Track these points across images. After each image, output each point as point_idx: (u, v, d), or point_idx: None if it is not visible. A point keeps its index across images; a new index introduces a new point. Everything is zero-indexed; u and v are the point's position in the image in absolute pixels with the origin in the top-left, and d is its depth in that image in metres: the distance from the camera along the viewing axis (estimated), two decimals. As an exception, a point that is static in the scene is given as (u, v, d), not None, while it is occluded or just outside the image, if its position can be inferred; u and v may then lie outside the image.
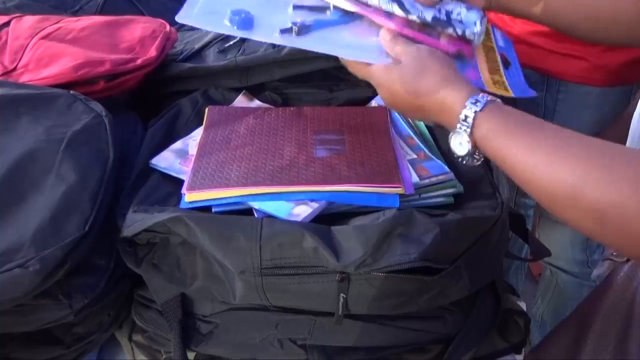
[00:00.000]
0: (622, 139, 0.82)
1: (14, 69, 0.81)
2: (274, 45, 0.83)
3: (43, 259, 0.58)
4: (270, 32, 0.63)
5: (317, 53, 0.64)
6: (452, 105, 0.54)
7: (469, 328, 0.61)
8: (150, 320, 0.65)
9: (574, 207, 0.45)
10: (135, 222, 0.59)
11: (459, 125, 0.53)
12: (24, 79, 0.79)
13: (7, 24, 0.91)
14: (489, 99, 0.53)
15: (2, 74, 0.80)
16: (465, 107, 0.52)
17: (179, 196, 0.65)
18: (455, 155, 0.55)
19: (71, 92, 0.75)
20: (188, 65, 0.86)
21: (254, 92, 0.87)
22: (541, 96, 1.08)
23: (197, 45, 0.93)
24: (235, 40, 0.89)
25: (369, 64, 0.60)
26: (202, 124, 0.79)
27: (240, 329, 0.61)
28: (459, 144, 0.53)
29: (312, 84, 0.86)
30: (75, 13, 1.13)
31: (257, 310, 0.61)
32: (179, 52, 0.94)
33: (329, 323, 0.60)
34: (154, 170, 0.70)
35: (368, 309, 0.57)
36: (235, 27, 0.63)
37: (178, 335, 0.60)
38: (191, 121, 0.80)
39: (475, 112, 0.52)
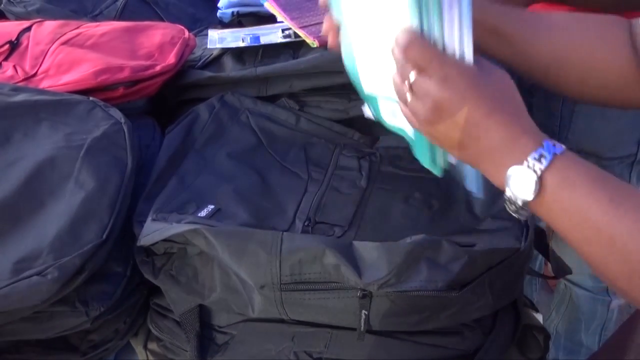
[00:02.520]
0: None
1: (35, 74, 0.82)
2: (293, 56, 0.83)
3: (61, 267, 0.58)
4: None
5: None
6: (528, 140, 0.47)
7: (489, 345, 0.60)
8: (166, 330, 0.65)
9: None
10: (153, 231, 0.59)
11: (528, 164, 0.45)
12: (44, 84, 0.80)
13: (29, 29, 0.91)
14: (566, 147, 0.47)
15: (23, 79, 0.81)
16: (542, 145, 0.46)
17: (197, 204, 0.65)
18: (509, 199, 0.47)
19: (91, 98, 0.75)
20: (208, 74, 0.86)
21: (270, 98, 0.87)
22: (557, 107, 1.07)
23: (215, 52, 0.93)
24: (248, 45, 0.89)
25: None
26: (219, 131, 0.79)
27: (256, 341, 0.61)
28: (521, 185, 0.46)
29: (330, 92, 0.86)
30: (94, 17, 1.14)
31: (273, 322, 0.61)
32: (197, 57, 0.95)
33: (346, 336, 0.59)
34: (171, 177, 0.70)
35: (388, 325, 0.57)
36: None
37: (195, 348, 0.59)
38: (208, 127, 0.80)
39: (555, 153, 0.45)
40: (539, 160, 0.45)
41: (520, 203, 0.47)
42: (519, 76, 1.07)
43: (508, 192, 0.47)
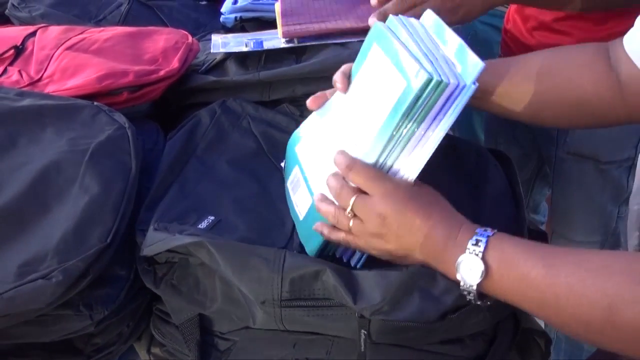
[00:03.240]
0: None
1: (40, 79, 0.83)
2: (296, 61, 0.83)
3: (66, 270, 0.58)
4: None
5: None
6: (465, 231, 0.53)
7: (492, 355, 0.60)
8: (169, 335, 0.65)
9: (612, 328, 0.44)
10: (156, 241, 0.59)
11: (469, 250, 0.51)
12: (49, 89, 0.81)
13: (34, 34, 0.92)
14: (496, 230, 0.53)
15: (28, 84, 0.81)
16: (476, 232, 0.52)
17: (198, 214, 0.65)
18: (464, 287, 0.52)
19: (95, 103, 0.76)
20: (211, 78, 0.87)
21: (272, 104, 0.87)
22: None
23: (218, 57, 0.94)
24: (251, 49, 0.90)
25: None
26: (220, 136, 0.79)
27: (258, 348, 0.61)
28: (469, 270, 0.51)
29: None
30: (98, 22, 1.15)
31: (274, 330, 0.61)
32: (200, 62, 0.95)
33: (347, 343, 0.59)
34: (172, 184, 0.71)
35: (389, 340, 0.57)
36: None
37: (197, 356, 0.59)
38: (209, 132, 0.80)
39: (488, 236, 0.51)
40: (476, 244, 0.51)
41: (475, 288, 0.51)
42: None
43: (462, 282, 0.52)
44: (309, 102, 0.68)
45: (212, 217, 0.66)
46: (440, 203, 0.57)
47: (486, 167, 0.74)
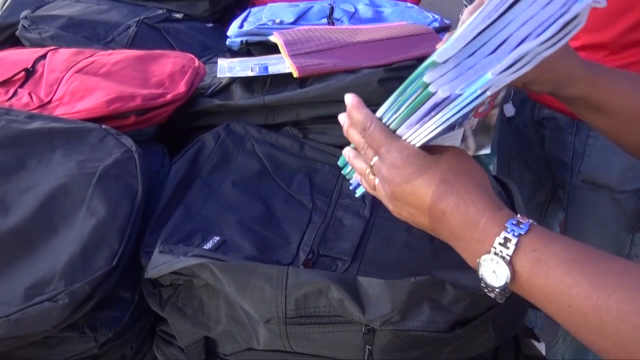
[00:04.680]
0: None
1: (49, 101, 0.84)
2: (300, 86, 0.84)
3: (72, 293, 0.59)
4: None
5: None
6: (491, 224, 0.45)
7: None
8: (172, 356, 0.66)
9: None
10: (161, 263, 0.60)
11: (495, 250, 0.44)
12: (58, 111, 0.82)
13: (44, 56, 0.94)
14: (531, 221, 0.45)
15: (38, 107, 0.83)
16: (505, 228, 0.44)
17: (203, 235, 0.66)
18: (485, 287, 0.46)
19: (103, 126, 0.77)
20: (217, 102, 0.89)
21: (276, 127, 0.88)
22: (570, 139, 1.08)
23: (224, 80, 0.95)
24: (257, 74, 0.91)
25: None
26: (224, 158, 0.81)
27: (261, 369, 0.62)
28: (493, 273, 0.44)
29: (335, 119, 0.88)
30: (107, 44, 1.17)
31: (278, 351, 0.61)
32: (207, 85, 0.97)
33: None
34: (177, 206, 0.72)
35: (392, 358, 0.58)
36: None
37: (201, 379, 0.60)
38: (213, 155, 0.82)
39: (519, 234, 0.43)
40: (504, 245, 0.43)
41: (497, 291, 0.45)
42: (531, 110, 1.07)
43: (482, 281, 0.46)
44: None
45: (217, 238, 0.67)
46: (461, 176, 0.47)
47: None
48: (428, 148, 0.51)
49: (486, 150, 0.70)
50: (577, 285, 0.41)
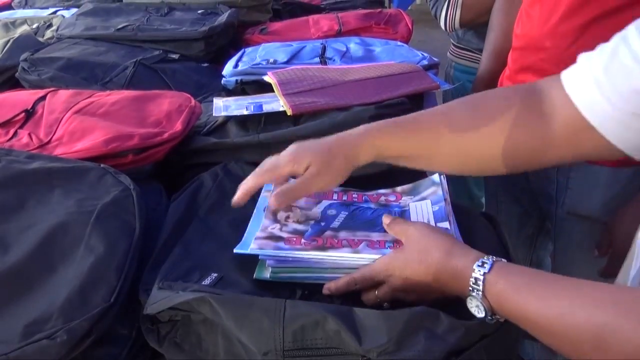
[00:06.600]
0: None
1: (49, 141, 0.86)
2: (294, 124, 0.87)
3: (70, 330, 0.60)
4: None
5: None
6: (463, 270, 0.56)
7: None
8: (169, 393, 0.66)
9: (603, 351, 0.47)
10: (160, 299, 0.61)
11: (470, 289, 0.55)
12: (57, 151, 0.84)
13: (44, 97, 0.96)
14: (494, 259, 0.56)
15: (38, 147, 0.85)
16: (473, 270, 0.55)
17: (201, 272, 0.67)
18: (475, 319, 0.56)
19: (101, 165, 0.79)
20: (213, 140, 0.91)
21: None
22: (554, 172, 1.10)
23: (219, 119, 0.98)
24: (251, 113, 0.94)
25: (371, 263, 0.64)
26: (222, 197, 0.82)
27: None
28: (476, 307, 0.56)
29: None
30: (105, 84, 1.19)
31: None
32: (203, 124, 0.99)
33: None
34: (176, 244, 0.73)
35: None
36: None
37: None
38: (211, 195, 0.83)
39: (484, 274, 0.54)
40: (476, 284, 0.55)
41: (486, 320, 0.55)
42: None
43: (469, 302, 0.56)
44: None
45: (215, 274, 0.68)
46: (431, 249, 0.61)
47: (476, 227, 0.76)
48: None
49: None
50: (528, 303, 0.51)
